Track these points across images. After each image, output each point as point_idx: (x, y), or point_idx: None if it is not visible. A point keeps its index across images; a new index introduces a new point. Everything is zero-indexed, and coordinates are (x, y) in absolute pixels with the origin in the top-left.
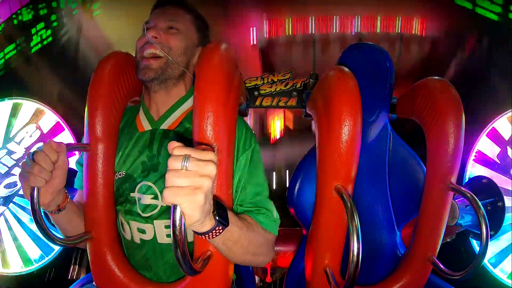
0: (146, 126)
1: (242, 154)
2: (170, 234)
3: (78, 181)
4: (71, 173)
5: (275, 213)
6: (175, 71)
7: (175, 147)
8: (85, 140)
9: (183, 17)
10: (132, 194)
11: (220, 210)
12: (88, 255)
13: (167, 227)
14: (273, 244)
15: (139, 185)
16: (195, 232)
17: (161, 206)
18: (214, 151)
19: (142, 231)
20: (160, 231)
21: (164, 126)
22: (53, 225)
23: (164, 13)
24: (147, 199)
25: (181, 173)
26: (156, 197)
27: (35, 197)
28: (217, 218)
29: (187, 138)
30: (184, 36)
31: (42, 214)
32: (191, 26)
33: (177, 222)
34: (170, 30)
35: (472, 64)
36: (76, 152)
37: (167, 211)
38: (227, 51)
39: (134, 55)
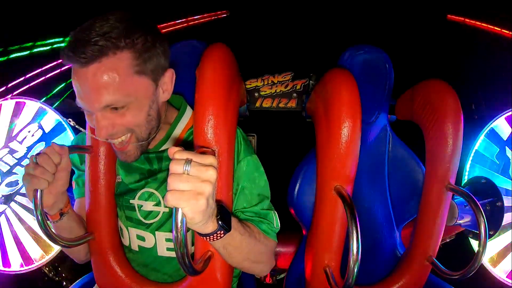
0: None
1: (243, 158)
2: (171, 248)
3: (77, 190)
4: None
5: (276, 223)
6: (152, 134)
7: (176, 151)
8: (86, 142)
9: (118, 80)
10: (131, 201)
11: (224, 215)
12: (90, 256)
13: (168, 240)
14: (273, 253)
15: (140, 192)
16: (197, 233)
17: (163, 212)
18: (214, 154)
19: (142, 239)
20: (161, 243)
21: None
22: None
23: (91, 92)
24: (149, 206)
25: (183, 177)
26: (158, 204)
27: (38, 198)
28: (219, 222)
29: (188, 143)
30: (137, 104)
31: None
32: (136, 78)
33: (179, 224)
34: (116, 111)
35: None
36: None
37: (169, 221)
38: (227, 54)
39: None
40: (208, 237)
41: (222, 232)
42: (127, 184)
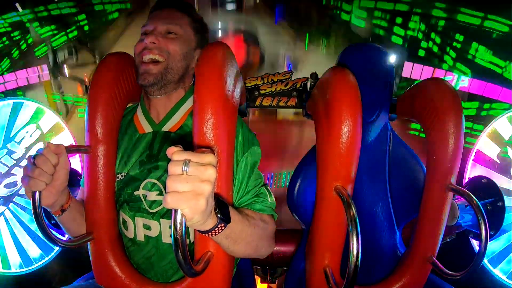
0: (147, 128)
1: (241, 157)
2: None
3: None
4: (73, 174)
5: (269, 198)
6: (175, 76)
7: (175, 152)
8: (85, 142)
9: (181, 21)
10: (136, 193)
11: (222, 207)
12: (90, 256)
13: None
14: (273, 233)
15: (143, 183)
16: (197, 231)
17: None
18: (214, 154)
19: (148, 227)
20: (165, 230)
21: (166, 128)
22: (54, 225)
23: (162, 17)
24: (153, 195)
25: (182, 178)
26: (161, 193)
27: (36, 200)
28: (219, 215)
29: (187, 140)
30: (183, 41)
31: (44, 217)
32: (189, 30)
33: (178, 226)
34: (169, 35)
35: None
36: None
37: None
38: (226, 52)
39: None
40: (209, 233)
41: (222, 225)
42: (134, 177)
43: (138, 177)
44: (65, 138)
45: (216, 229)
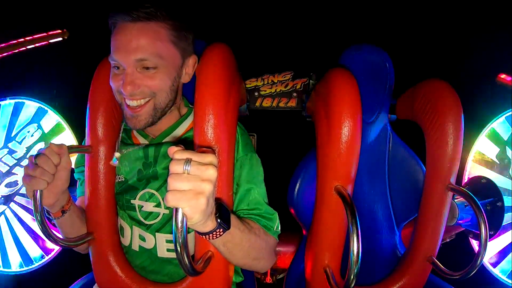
0: (143, 142)
1: (241, 157)
2: (171, 249)
3: (80, 188)
4: (72, 172)
5: (276, 225)
6: (166, 108)
7: (176, 151)
8: (86, 142)
9: (157, 42)
10: (132, 201)
11: (223, 212)
12: (90, 256)
13: (168, 241)
14: (275, 250)
15: (141, 193)
16: (197, 232)
17: (163, 214)
18: (214, 153)
19: (143, 239)
20: (161, 245)
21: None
22: (54, 225)
23: (131, 48)
24: (150, 207)
25: (183, 177)
26: (158, 205)
27: (38, 199)
28: (218, 220)
29: (186, 141)
30: (166, 70)
31: (45, 216)
32: (171, 47)
33: (179, 224)
34: (147, 71)
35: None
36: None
37: (169, 223)
38: (227, 53)
39: None
40: (207, 236)
41: (221, 230)
42: (131, 184)
43: (136, 186)
44: (67, 138)
45: (214, 233)
